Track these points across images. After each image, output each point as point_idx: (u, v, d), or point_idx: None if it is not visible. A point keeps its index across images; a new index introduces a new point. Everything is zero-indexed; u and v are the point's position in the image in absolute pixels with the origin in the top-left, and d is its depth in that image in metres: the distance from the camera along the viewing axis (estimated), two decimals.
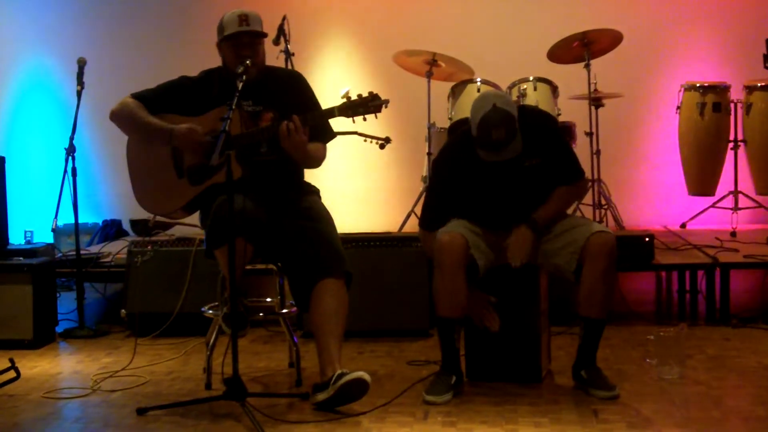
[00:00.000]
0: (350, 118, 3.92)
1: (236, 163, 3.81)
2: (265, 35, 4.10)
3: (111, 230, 7.26)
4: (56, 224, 5.31)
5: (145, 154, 4.11)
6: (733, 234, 6.26)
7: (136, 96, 4.12)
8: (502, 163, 3.92)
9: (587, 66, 6.17)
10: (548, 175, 3.99)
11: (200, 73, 4.21)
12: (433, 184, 4.30)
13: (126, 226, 7.30)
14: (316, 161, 4.10)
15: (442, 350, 3.98)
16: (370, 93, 3.90)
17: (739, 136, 6.68)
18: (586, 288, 3.87)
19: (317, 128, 4.02)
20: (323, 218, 4.03)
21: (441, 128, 6.35)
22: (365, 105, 3.88)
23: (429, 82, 6.42)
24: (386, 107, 3.91)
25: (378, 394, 3.86)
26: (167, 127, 4.00)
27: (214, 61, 4.19)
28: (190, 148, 3.99)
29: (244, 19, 4.01)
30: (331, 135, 4.15)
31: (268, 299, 4.46)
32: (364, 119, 3.92)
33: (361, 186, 7.65)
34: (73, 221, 5.36)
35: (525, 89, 6.22)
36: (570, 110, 6.49)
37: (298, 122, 3.84)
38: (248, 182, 3.86)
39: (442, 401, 3.80)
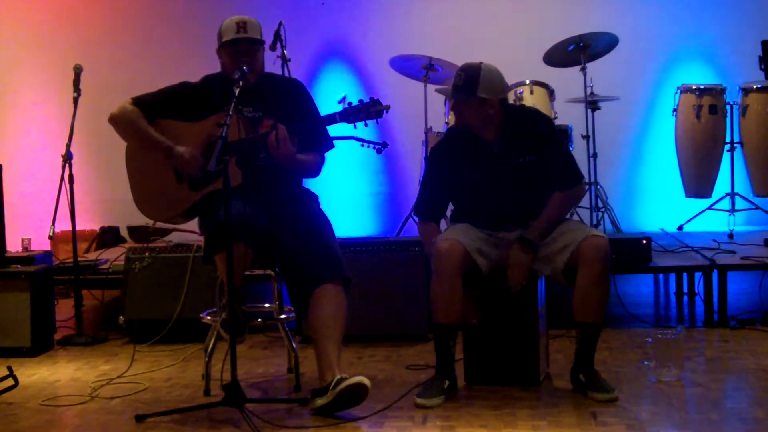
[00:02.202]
0: (351, 124, 3.93)
1: (236, 168, 3.82)
2: (262, 42, 4.10)
3: (108, 237, 7.25)
4: (53, 231, 5.30)
5: (144, 159, 4.11)
6: (731, 236, 6.27)
7: (137, 101, 4.11)
8: (496, 159, 3.98)
9: (583, 69, 6.18)
10: (543, 174, 4.00)
11: (201, 78, 4.21)
12: (427, 173, 4.33)
13: (123, 232, 7.30)
14: (310, 171, 4.10)
15: (437, 355, 3.99)
16: (371, 98, 3.90)
17: (736, 138, 6.69)
18: (580, 293, 3.88)
19: (312, 137, 4.02)
20: (321, 224, 4.04)
21: (438, 132, 6.35)
22: (367, 110, 3.89)
23: (425, 86, 6.43)
24: (387, 112, 3.92)
25: (377, 399, 3.86)
26: (167, 144, 4.00)
27: (212, 67, 4.19)
28: (186, 171, 3.99)
29: (242, 26, 4.02)
30: (329, 144, 4.13)
31: (267, 305, 4.46)
32: (366, 125, 3.93)
33: (358, 191, 7.65)
34: (70, 228, 5.35)
35: (522, 92, 6.25)
36: (566, 113, 6.50)
37: (285, 132, 3.84)
38: (248, 188, 3.87)
39: (432, 405, 3.81)
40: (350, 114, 3.90)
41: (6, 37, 7.77)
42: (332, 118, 3.93)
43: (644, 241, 5.27)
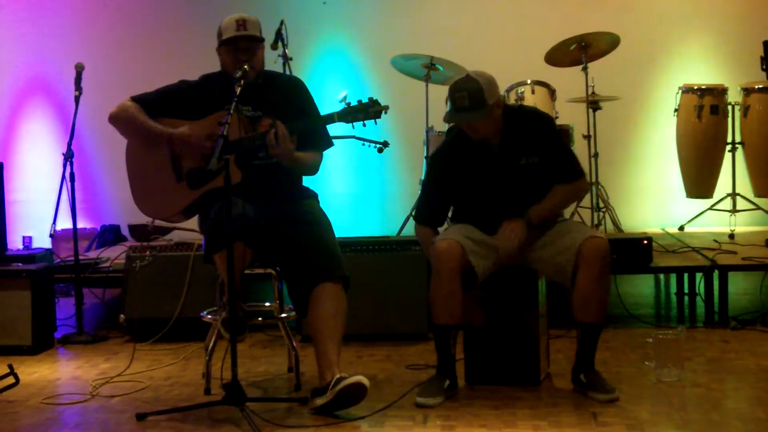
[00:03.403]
0: (349, 124, 3.93)
1: (235, 167, 3.82)
2: (262, 40, 4.10)
3: (109, 235, 7.26)
4: (54, 230, 5.31)
5: (144, 158, 4.11)
6: (732, 236, 6.26)
7: (136, 99, 4.12)
8: (497, 161, 3.97)
9: (585, 69, 6.18)
10: (546, 175, 4.00)
11: (200, 77, 4.21)
12: (428, 177, 4.33)
13: (124, 231, 7.30)
14: (308, 169, 4.10)
15: (438, 355, 3.99)
16: (370, 99, 3.90)
17: (737, 139, 6.69)
18: (581, 293, 3.87)
19: (311, 136, 4.02)
20: (321, 222, 4.04)
21: (439, 132, 6.35)
22: (365, 111, 3.89)
23: (427, 85, 6.42)
24: (386, 113, 3.92)
25: (377, 398, 3.85)
26: (166, 132, 4.01)
27: (213, 66, 4.19)
28: (189, 153, 3.99)
29: (241, 23, 4.02)
30: (327, 143, 4.13)
31: (267, 304, 4.46)
32: (364, 125, 3.93)
33: (359, 190, 7.65)
34: (71, 226, 5.36)
35: (523, 92, 6.25)
36: (568, 113, 6.50)
37: (284, 130, 3.84)
38: (247, 186, 3.87)
39: (433, 403, 3.81)
40: (349, 114, 3.90)
41: (8, 35, 7.77)
42: (330, 118, 3.93)
43: (645, 241, 5.27)
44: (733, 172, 6.68)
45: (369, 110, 3.89)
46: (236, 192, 3.71)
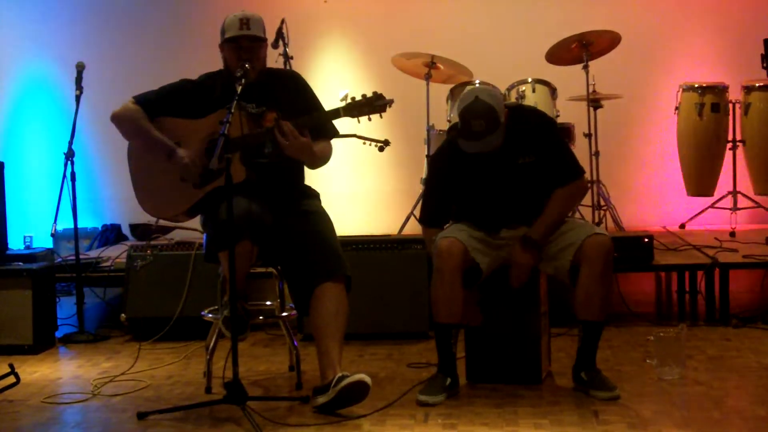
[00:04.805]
0: (354, 119, 3.93)
1: (240, 164, 3.82)
2: (265, 39, 4.10)
3: (110, 234, 7.26)
4: (55, 229, 5.31)
5: (147, 157, 4.10)
6: (732, 234, 6.26)
7: (138, 100, 4.11)
8: (496, 161, 3.95)
9: (586, 67, 6.18)
10: (543, 174, 3.98)
11: (201, 76, 4.21)
12: (430, 179, 4.33)
13: (125, 230, 7.30)
14: (324, 160, 4.09)
15: (439, 354, 3.99)
16: (374, 93, 3.91)
17: (738, 137, 6.69)
18: (583, 291, 3.87)
19: (320, 127, 4.02)
20: (323, 221, 4.04)
21: (440, 130, 6.35)
22: (370, 105, 3.89)
23: (428, 84, 6.42)
24: (390, 107, 3.92)
25: (378, 397, 3.86)
26: (169, 146, 3.99)
27: (214, 65, 4.20)
28: (187, 176, 3.98)
29: (245, 22, 4.02)
30: (334, 130, 4.13)
31: (268, 302, 4.46)
32: (369, 119, 3.93)
33: (360, 188, 7.65)
34: (72, 226, 5.36)
35: (524, 91, 6.25)
36: (569, 111, 6.50)
37: (291, 127, 3.84)
38: (252, 185, 3.87)
39: (435, 401, 3.81)
40: (354, 108, 3.90)
41: (9, 34, 7.77)
42: (336, 113, 3.94)
43: (646, 240, 5.27)
44: (733, 170, 6.67)
45: (374, 104, 3.90)
46: (241, 191, 3.70)
